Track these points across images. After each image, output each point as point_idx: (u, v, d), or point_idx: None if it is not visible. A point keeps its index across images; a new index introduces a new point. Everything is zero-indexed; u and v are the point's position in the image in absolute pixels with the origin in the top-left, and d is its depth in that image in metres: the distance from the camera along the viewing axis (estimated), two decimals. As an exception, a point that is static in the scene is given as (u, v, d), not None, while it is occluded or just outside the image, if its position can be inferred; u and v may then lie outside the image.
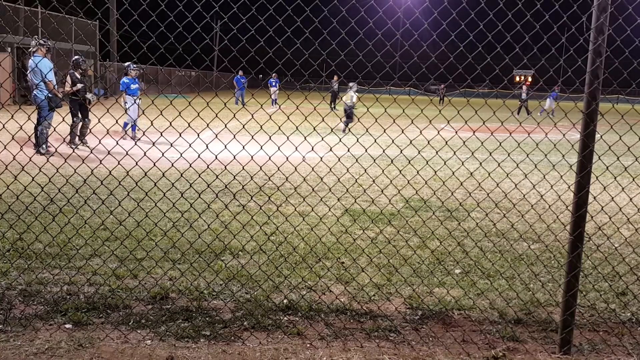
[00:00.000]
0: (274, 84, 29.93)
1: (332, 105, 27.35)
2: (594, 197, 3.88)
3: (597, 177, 3.90)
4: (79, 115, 11.90)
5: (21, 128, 3.71)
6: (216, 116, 3.50)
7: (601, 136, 3.55)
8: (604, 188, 4.52)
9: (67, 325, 3.55)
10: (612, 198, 4.61)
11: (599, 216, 6.56)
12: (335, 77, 28.18)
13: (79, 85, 11.87)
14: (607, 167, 4.33)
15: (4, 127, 3.52)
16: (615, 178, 4.58)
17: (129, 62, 14.50)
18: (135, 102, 13.83)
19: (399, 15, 3.66)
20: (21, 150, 4.03)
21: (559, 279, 4.70)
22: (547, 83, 3.98)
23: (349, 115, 15.85)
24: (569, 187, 3.57)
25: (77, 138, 11.92)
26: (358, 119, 3.78)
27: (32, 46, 10.71)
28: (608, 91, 4.47)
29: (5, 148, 3.79)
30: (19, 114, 4.03)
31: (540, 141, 4.02)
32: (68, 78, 11.85)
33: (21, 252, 4.83)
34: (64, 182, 5.18)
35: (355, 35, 3.46)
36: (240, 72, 29.30)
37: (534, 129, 4.23)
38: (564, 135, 3.87)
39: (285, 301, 4.05)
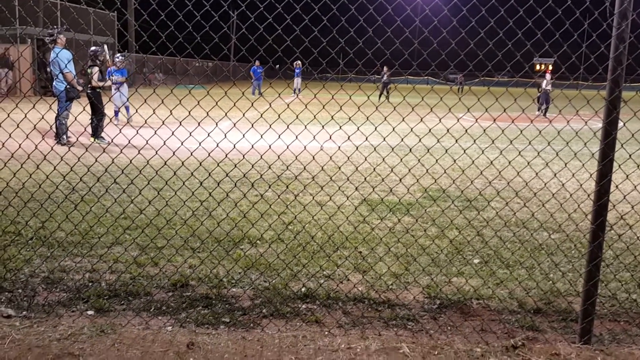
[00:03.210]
0: (298, 73, 29.87)
1: (387, 96, 26.95)
2: (616, 186, 3.83)
3: (619, 166, 3.83)
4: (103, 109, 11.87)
5: (42, 118, 3.75)
6: (234, 105, 3.52)
7: (624, 124, 3.49)
8: (627, 177, 4.45)
9: (90, 312, 3.61)
10: (635, 187, 4.54)
11: (620, 205, 6.46)
12: (386, 68, 27.64)
13: (109, 82, 12.04)
14: (630, 156, 4.26)
15: (25, 116, 3.56)
16: (638, 166, 4.51)
17: (119, 54, 14.88)
18: (118, 91, 14.08)
19: (418, 1, 3.62)
20: (43, 140, 4.09)
21: (579, 268, 4.65)
22: (569, 70, 3.89)
23: (547, 100, 19.25)
24: (590, 175, 3.52)
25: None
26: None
27: (47, 41, 10.87)
28: (631, 78, 4.39)
29: (27, 137, 3.84)
30: (40, 105, 4.08)
31: (562, 129, 3.97)
32: (97, 73, 11.88)
33: (44, 240, 4.92)
34: (85, 171, 5.24)
35: (374, 22, 3.44)
36: (257, 62, 29.29)
37: (555, 117, 4.17)
38: (586, 122, 3.82)
39: (303, 289, 4.07)
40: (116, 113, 14.55)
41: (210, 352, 3.16)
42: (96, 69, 11.82)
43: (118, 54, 15.08)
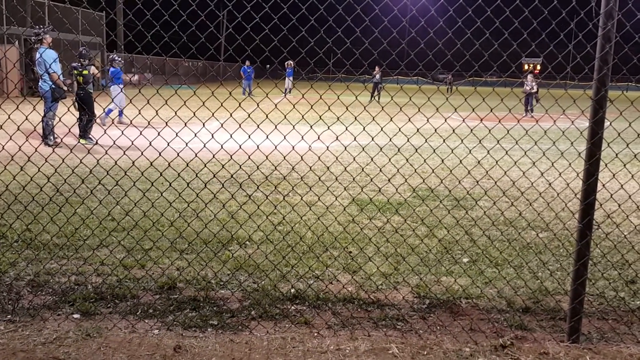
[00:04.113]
0: (290, 73, 29.86)
1: (377, 97, 26.93)
2: (603, 185, 3.85)
3: (606, 165, 3.86)
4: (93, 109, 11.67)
5: (26, 119, 3.70)
6: (221, 105, 3.49)
7: (610, 123, 3.51)
8: (613, 175, 4.48)
9: (75, 315, 3.57)
10: (622, 186, 4.57)
11: (607, 204, 6.50)
12: (377, 68, 27.55)
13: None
14: (617, 155, 4.29)
15: (9, 118, 3.51)
16: (624, 165, 4.54)
17: (113, 54, 14.71)
18: (122, 91, 14.05)
19: (405, 1, 3.61)
20: (27, 141, 4.04)
21: (567, 267, 4.67)
22: (556, 70, 3.91)
23: (529, 101, 20.90)
24: (577, 174, 3.54)
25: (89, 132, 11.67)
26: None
27: (32, 41, 10.77)
28: (617, 77, 4.42)
29: (10, 139, 3.79)
30: (25, 105, 4.03)
31: (548, 129, 3.98)
32: (94, 69, 11.82)
33: (29, 242, 4.85)
34: (70, 172, 5.18)
35: (361, 23, 3.42)
36: (247, 62, 29.23)
37: (542, 116, 4.19)
38: (572, 122, 3.83)
39: (292, 290, 4.05)
40: (120, 113, 14.28)
41: (197, 355, 3.13)
42: (93, 67, 11.74)
43: (115, 55, 14.85)
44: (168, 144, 3.62)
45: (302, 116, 3.72)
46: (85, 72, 11.56)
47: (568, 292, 3.61)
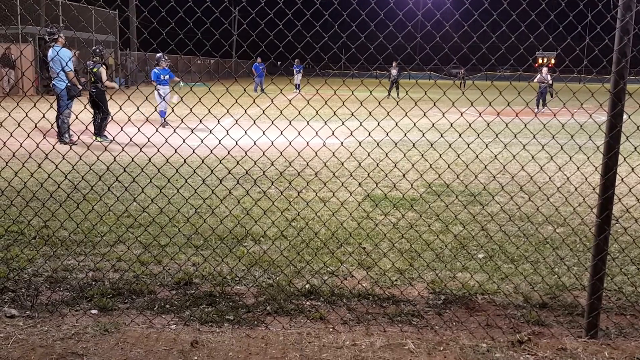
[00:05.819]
0: (297, 69, 30.04)
1: (395, 92, 26.97)
2: (622, 179, 3.80)
3: (624, 159, 3.80)
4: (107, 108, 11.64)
5: (44, 116, 3.74)
6: (236, 102, 3.49)
7: (629, 116, 3.46)
8: (632, 170, 4.42)
9: (93, 311, 3.60)
10: (640, 180, 4.51)
11: (626, 198, 6.42)
12: (394, 63, 27.46)
13: (113, 84, 11.97)
14: (635, 148, 4.23)
15: (26, 115, 3.55)
16: (643, 159, 4.47)
17: (160, 54, 14.45)
18: (171, 91, 13.94)
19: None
20: (44, 138, 4.08)
21: (585, 262, 4.62)
22: (573, 63, 3.87)
23: (542, 93, 20.93)
24: (595, 169, 3.50)
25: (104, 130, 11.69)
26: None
27: (47, 40, 10.82)
28: (636, 70, 4.35)
29: (28, 136, 3.83)
30: (41, 104, 4.08)
31: (566, 123, 3.94)
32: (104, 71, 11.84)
33: (47, 239, 4.91)
34: (87, 170, 5.22)
35: (376, 17, 3.41)
36: (259, 59, 29.28)
37: (559, 110, 4.14)
38: (590, 115, 3.78)
39: (307, 286, 4.06)
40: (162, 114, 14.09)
41: (214, 350, 3.15)
42: (104, 68, 11.77)
43: (159, 54, 14.60)
44: (184, 141, 3.64)
45: (317, 112, 3.71)
46: (95, 70, 11.59)
47: (586, 288, 3.57)
